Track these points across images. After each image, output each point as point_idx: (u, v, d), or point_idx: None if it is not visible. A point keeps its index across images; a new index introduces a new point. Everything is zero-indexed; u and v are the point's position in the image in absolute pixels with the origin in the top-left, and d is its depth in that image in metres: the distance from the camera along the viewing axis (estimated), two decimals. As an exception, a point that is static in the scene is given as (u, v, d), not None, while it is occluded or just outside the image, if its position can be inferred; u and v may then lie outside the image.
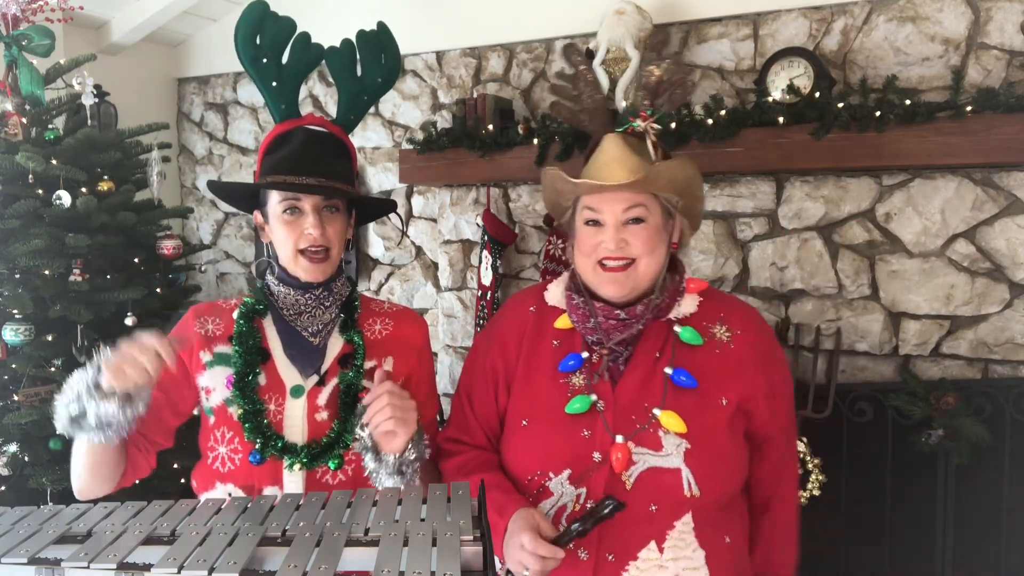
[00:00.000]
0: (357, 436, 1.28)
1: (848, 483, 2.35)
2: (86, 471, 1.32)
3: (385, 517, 0.83)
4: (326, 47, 1.46)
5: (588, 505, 1.27)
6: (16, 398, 2.34)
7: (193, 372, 1.41)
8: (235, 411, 1.34)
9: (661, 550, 1.25)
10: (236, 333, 1.39)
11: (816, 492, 2.26)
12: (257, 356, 1.38)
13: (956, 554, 2.25)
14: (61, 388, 1.23)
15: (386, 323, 1.48)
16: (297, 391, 1.37)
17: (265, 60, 1.38)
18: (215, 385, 1.38)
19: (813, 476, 2.26)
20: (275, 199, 1.37)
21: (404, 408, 1.22)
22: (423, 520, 0.81)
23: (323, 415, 1.37)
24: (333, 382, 1.39)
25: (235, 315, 1.42)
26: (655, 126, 1.32)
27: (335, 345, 1.42)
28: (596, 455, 1.28)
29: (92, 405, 1.17)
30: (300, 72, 1.44)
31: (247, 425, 1.32)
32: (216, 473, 1.36)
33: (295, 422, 1.36)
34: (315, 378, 1.38)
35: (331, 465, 1.34)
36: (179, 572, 0.73)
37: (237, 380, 1.35)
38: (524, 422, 1.38)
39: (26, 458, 2.36)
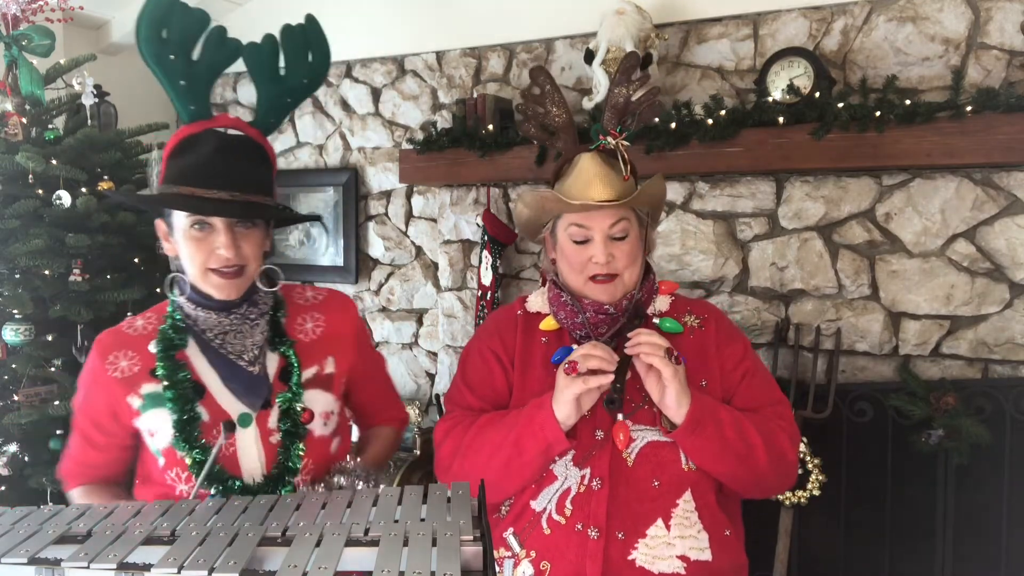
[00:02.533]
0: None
1: (848, 483, 2.35)
2: None
3: (385, 517, 0.83)
4: (246, 43, 1.31)
5: (593, 485, 1.34)
6: (16, 398, 2.34)
7: (127, 420, 1.31)
8: (183, 455, 1.27)
9: (668, 527, 1.32)
10: (162, 376, 1.27)
11: (816, 492, 2.26)
12: (192, 395, 1.28)
13: (956, 554, 2.25)
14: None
15: (317, 319, 1.41)
16: (245, 420, 1.29)
17: (172, 57, 1.23)
18: (156, 427, 1.28)
19: (813, 476, 2.26)
20: (181, 211, 1.23)
21: None
22: (423, 520, 0.81)
23: (277, 437, 1.31)
24: (279, 401, 1.33)
25: (153, 350, 1.29)
26: (624, 143, 1.41)
27: (272, 362, 1.34)
28: (599, 432, 1.36)
29: None
30: (212, 70, 1.29)
31: (198, 473, 1.23)
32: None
33: (249, 452, 1.29)
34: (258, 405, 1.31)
35: (283, 492, 1.29)
36: (179, 572, 0.73)
37: (177, 429, 1.26)
38: None
39: (26, 458, 2.36)
